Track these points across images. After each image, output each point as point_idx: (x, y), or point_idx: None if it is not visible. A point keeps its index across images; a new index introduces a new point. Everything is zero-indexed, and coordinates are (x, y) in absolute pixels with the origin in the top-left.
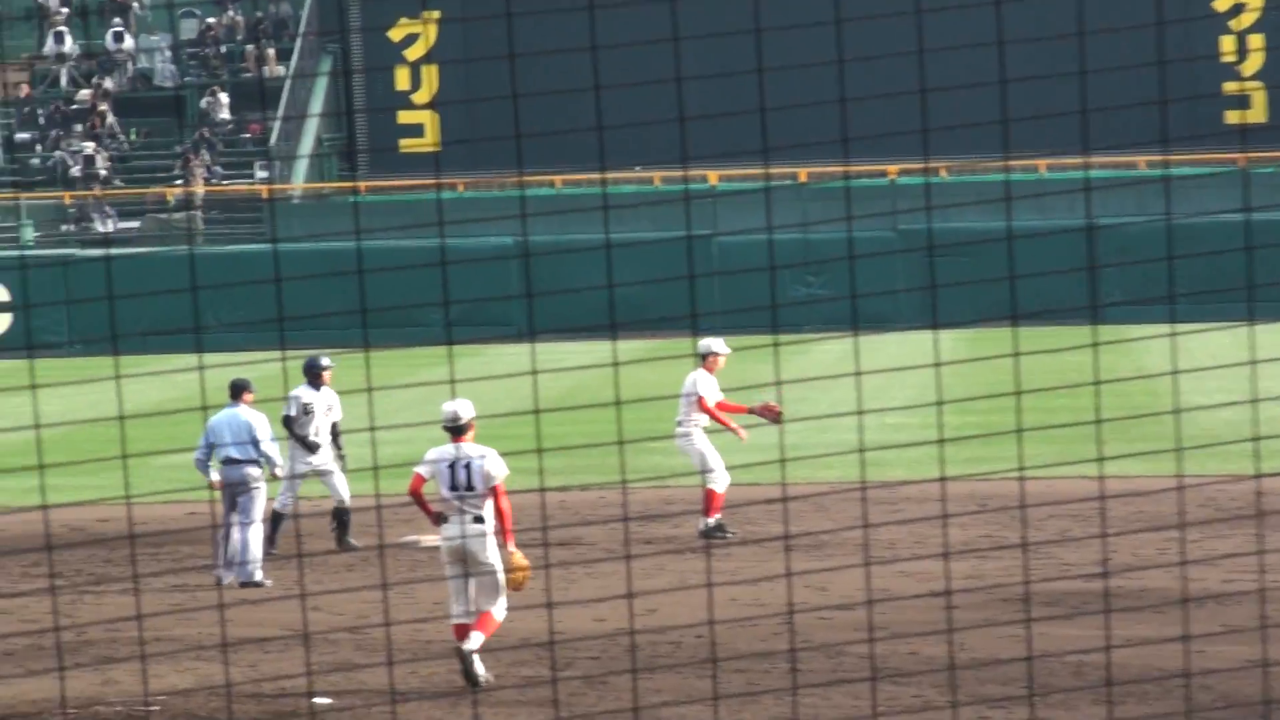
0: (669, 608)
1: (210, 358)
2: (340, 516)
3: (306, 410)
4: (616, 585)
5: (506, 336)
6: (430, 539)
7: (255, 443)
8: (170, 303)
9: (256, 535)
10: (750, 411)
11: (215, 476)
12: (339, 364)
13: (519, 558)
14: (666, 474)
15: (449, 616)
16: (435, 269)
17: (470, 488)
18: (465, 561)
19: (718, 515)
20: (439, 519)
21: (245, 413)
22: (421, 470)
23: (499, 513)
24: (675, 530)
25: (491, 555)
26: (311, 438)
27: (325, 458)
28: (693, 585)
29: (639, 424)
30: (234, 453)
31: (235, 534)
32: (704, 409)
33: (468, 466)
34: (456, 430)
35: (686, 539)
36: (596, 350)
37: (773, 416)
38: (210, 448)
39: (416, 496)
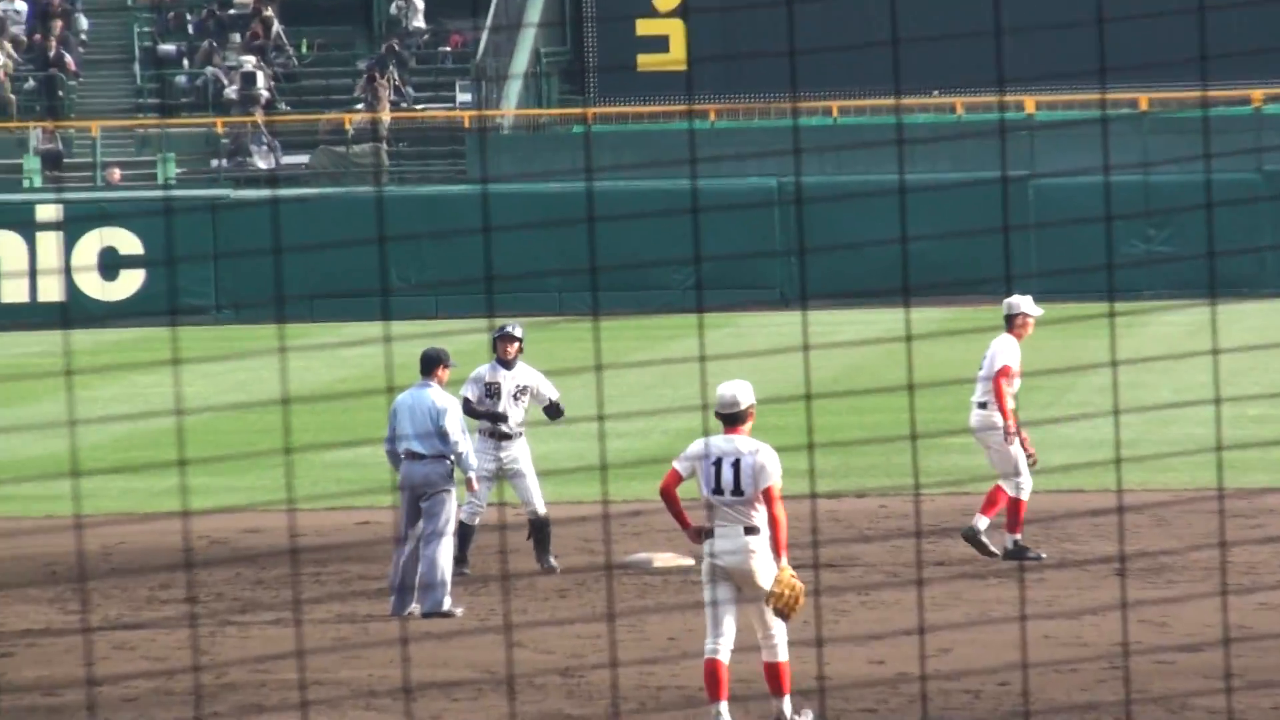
0: (965, 647)
1: (397, 327)
2: (538, 529)
3: (491, 393)
4: (900, 618)
5: (768, 302)
6: (666, 558)
7: (444, 434)
8: (347, 258)
9: (445, 552)
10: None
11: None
12: (556, 334)
13: (789, 575)
14: (966, 477)
15: (705, 653)
16: (681, 217)
17: (739, 490)
18: (732, 583)
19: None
20: (698, 533)
21: (435, 394)
22: (680, 466)
23: (772, 522)
24: (972, 549)
25: (768, 576)
26: (500, 426)
27: (518, 453)
28: (996, 619)
29: (933, 414)
30: (416, 445)
31: (419, 550)
32: (997, 386)
33: (736, 464)
34: (732, 419)
35: (987, 561)
36: (881, 320)
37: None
38: (395, 436)
39: (669, 498)
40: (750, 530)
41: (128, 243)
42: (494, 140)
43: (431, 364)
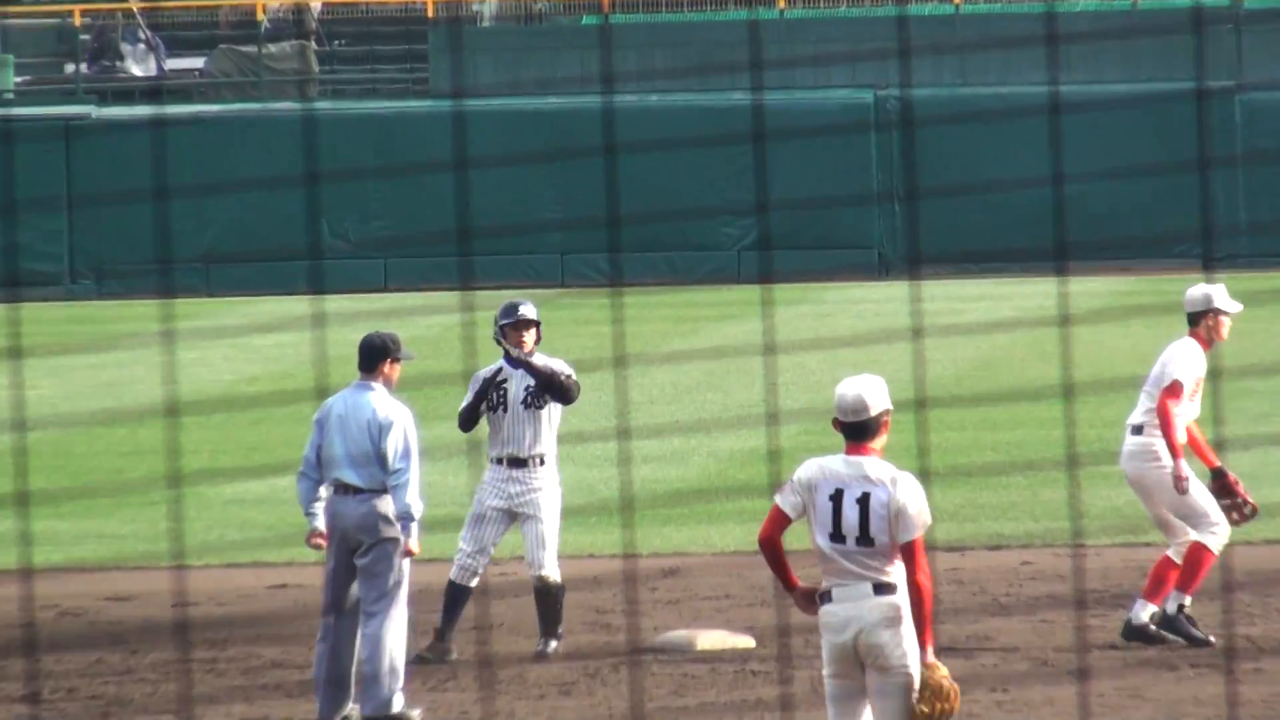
0: None
1: (331, 303)
2: (542, 599)
3: (497, 397)
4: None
5: (861, 268)
6: (715, 638)
7: (382, 459)
8: (259, 205)
9: (396, 629)
10: (1215, 480)
11: (320, 519)
12: (558, 312)
13: (941, 674)
14: (1146, 521)
15: None
16: (737, 148)
17: (866, 539)
18: (859, 663)
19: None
20: (810, 597)
21: (379, 401)
22: (785, 503)
23: (914, 588)
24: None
25: (908, 654)
26: (505, 449)
27: (538, 486)
28: None
29: (1100, 429)
30: (350, 475)
31: (357, 627)
32: (1162, 409)
33: (864, 500)
34: (858, 430)
35: (1180, 645)
36: (1023, 295)
37: (1238, 511)
38: (320, 461)
39: (772, 550)
40: (882, 589)
41: None
42: (470, 37)
43: (374, 356)
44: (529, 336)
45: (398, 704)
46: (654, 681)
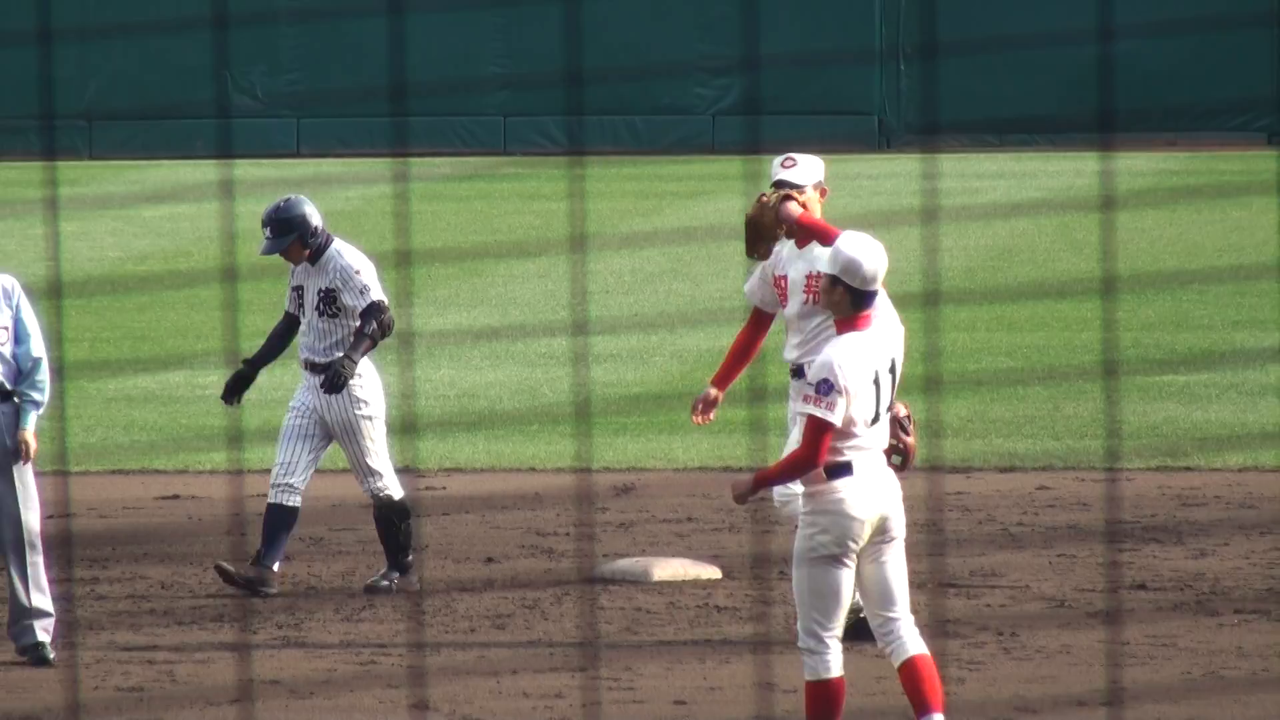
0: None
1: (237, 169)
2: (389, 519)
3: (296, 298)
4: (1070, 676)
5: (859, 138)
6: (674, 567)
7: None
8: (151, 49)
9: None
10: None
11: None
12: (500, 186)
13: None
14: (1186, 440)
15: (813, 672)
16: None
17: (888, 407)
18: (864, 540)
19: None
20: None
21: None
22: (840, 418)
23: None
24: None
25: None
26: (304, 354)
27: (338, 396)
28: (1235, 680)
29: (1137, 332)
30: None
31: None
32: None
33: (892, 370)
34: (873, 298)
35: (1221, 583)
36: (1051, 172)
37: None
38: None
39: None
40: (896, 450)
41: None
42: None
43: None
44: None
45: (41, 635)
46: (603, 616)
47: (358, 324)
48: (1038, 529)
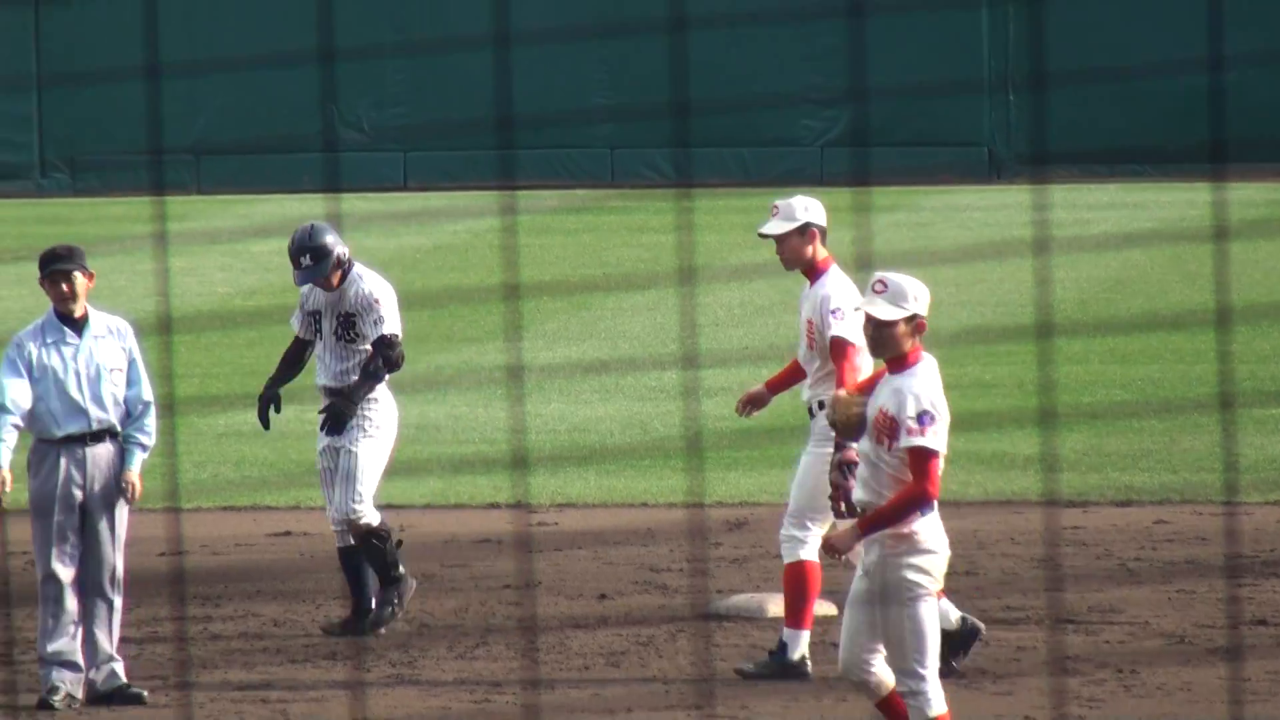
0: None
1: (345, 203)
2: (370, 545)
3: (312, 324)
4: (1191, 712)
5: (968, 168)
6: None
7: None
8: (260, 84)
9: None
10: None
11: (3, 461)
12: (604, 218)
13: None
14: None
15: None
16: (817, 22)
17: None
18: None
19: None
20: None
21: (97, 319)
22: (939, 439)
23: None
24: None
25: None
26: (321, 379)
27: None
28: None
29: (1254, 364)
30: (56, 406)
31: (70, 595)
32: None
33: None
34: None
35: None
36: (1164, 202)
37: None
38: (20, 398)
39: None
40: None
41: None
42: None
43: (57, 263)
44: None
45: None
46: (718, 653)
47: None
48: (1156, 564)
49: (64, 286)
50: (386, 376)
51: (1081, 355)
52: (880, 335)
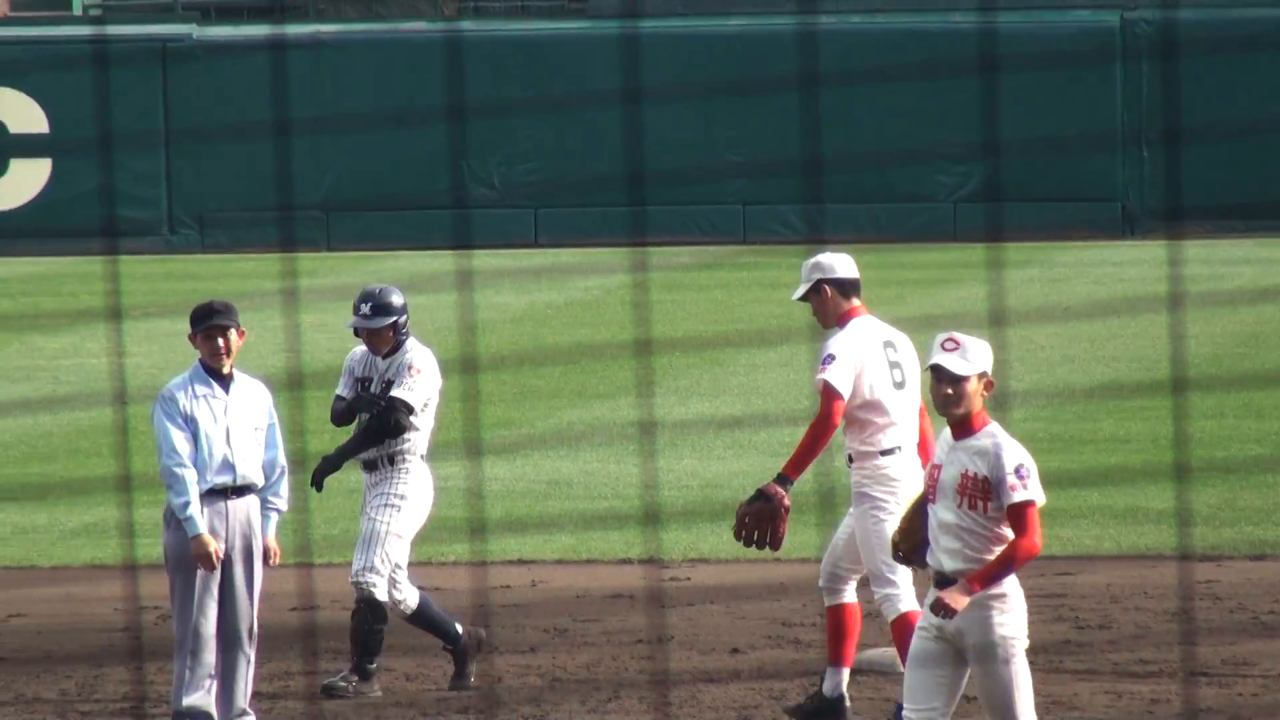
0: None
1: (475, 259)
2: (364, 616)
3: (361, 392)
4: None
5: (1101, 225)
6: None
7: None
8: (392, 142)
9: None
10: None
11: (202, 523)
12: (737, 274)
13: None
14: None
15: None
16: (952, 81)
17: None
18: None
19: None
20: None
21: (241, 378)
22: (1040, 490)
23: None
24: None
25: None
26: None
27: (374, 489)
28: None
29: None
30: (204, 460)
31: (209, 649)
32: None
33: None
34: None
35: None
36: None
37: None
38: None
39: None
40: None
41: (21, 113)
42: None
43: (211, 318)
44: (384, 331)
45: None
46: (853, 708)
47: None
48: None
49: (220, 341)
50: (378, 437)
51: (1216, 410)
52: (954, 392)
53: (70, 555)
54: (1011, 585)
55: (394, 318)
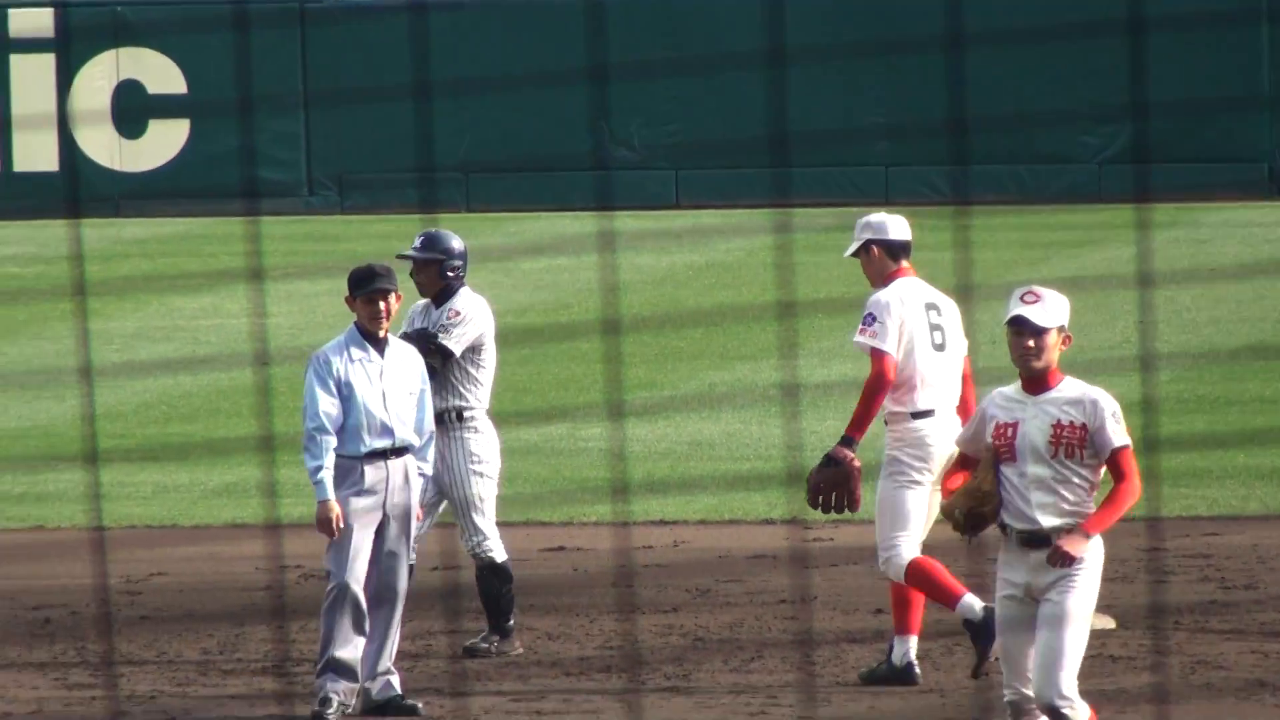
0: None
1: (616, 220)
2: (490, 581)
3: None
4: None
5: (1248, 185)
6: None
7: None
8: (532, 102)
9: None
10: None
11: (330, 489)
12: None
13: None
14: None
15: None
16: (1096, 41)
17: None
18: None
19: None
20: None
21: (394, 342)
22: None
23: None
24: None
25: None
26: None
27: (454, 451)
28: None
29: None
30: (363, 422)
31: (360, 606)
32: None
33: None
34: None
35: None
36: None
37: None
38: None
39: None
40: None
41: (160, 74)
42: None
43: (372, 282)
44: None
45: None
46: (995, 666)
47: (465, 368)
48: None
49: (381, 305)
50: (421, 345)
51: None
52: (1035, 344)
53: (211, 515)
54: (1095, 553)
55: (441, 257)
